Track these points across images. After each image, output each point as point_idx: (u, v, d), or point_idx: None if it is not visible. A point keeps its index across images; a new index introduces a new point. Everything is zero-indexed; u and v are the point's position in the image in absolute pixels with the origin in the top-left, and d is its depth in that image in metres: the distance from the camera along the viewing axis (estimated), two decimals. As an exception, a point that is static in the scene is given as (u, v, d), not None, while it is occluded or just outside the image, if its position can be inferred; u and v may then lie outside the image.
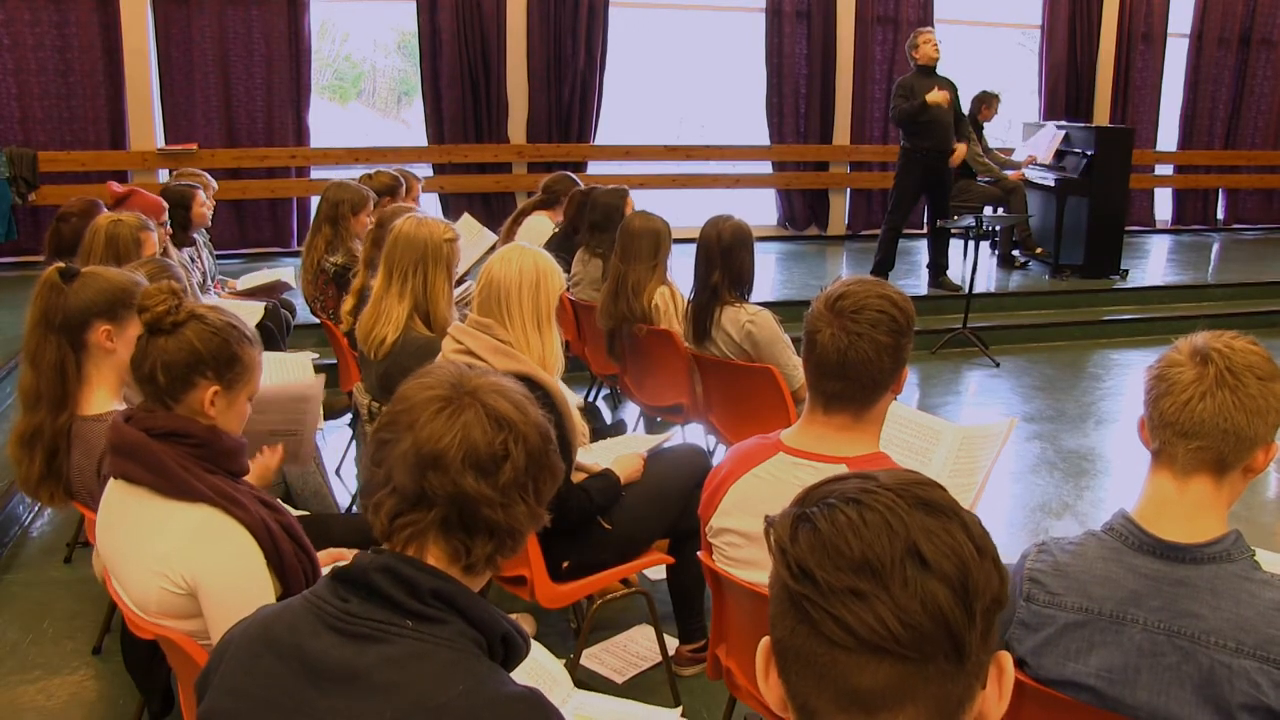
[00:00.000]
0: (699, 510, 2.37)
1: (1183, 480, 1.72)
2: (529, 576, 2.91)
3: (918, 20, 10.01)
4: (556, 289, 2.96)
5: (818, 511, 0.94)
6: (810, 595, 0.90)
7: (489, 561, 1.45)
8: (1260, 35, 11.61)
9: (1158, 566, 1.69)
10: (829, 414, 2.13)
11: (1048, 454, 5.60)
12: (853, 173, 10.52)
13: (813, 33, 10.03)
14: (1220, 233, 11.98)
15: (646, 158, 9.96)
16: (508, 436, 1.42)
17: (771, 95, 10.10)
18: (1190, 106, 11.63)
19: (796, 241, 10.36)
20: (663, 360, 4.39)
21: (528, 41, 9.22)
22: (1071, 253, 9.04)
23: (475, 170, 9.35)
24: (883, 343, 2.06)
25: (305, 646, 1.34)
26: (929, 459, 2.72)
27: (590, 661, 3.43)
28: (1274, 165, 12.12)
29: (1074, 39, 10.98)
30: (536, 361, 2.89)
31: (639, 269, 4.34)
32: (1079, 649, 1.73)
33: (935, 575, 0.89)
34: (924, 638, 0.88)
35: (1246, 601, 1.63)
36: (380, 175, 5.71)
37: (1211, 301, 8.75)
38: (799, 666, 0.92)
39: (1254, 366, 1.69)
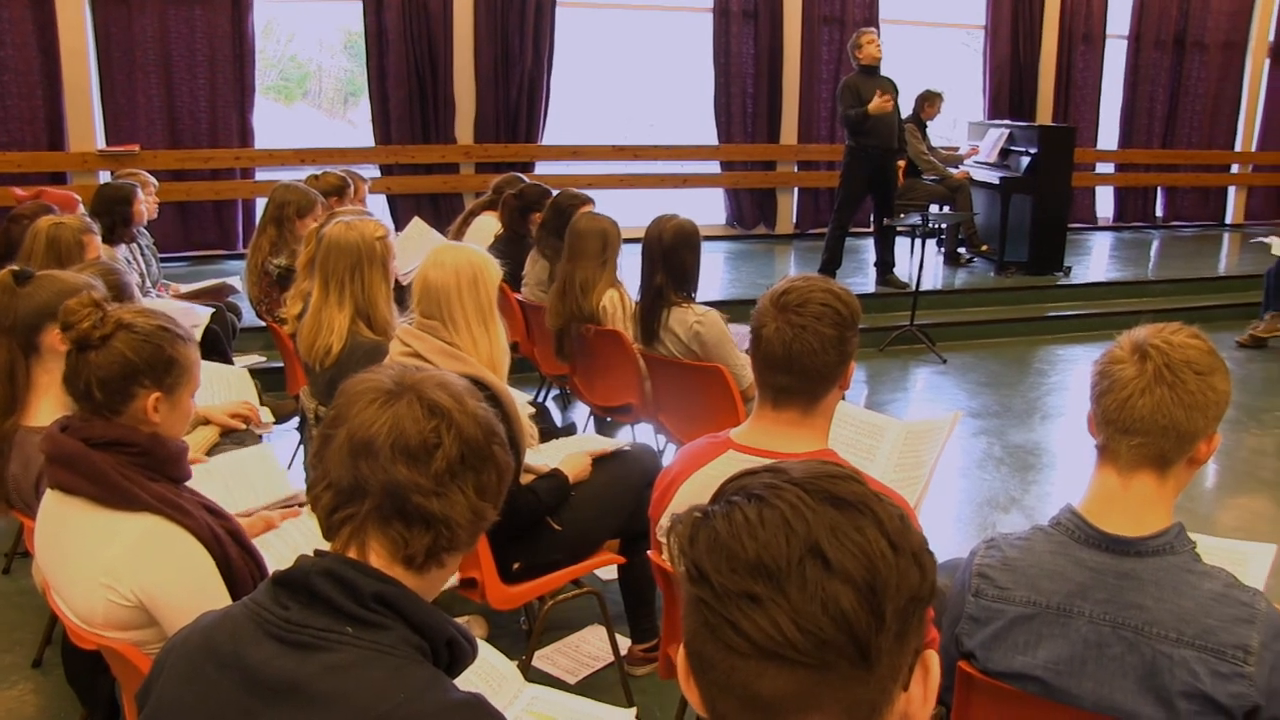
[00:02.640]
0: (649, 510, 2.37)
1: (1126, 476, 1.75)
2: (479, 578, 2.90)
3: (863, 20, 10.09)
4: (494, 282, 2.95)
5: (718, 510, 0.89)
6: (707, 599, 0.86)
7: (430, 556, 1.40)
8: (1194, 38, 11.88)
9: (1103, 560, 1.72)
10: (778, 409, 2.15)
11: (994, 449, 5.67)
12: (800, 172, 10.58)
13: (760, 33, 10.07)
14: (1160, 230, 12.22)
15: (594, 158, 9.96)
16: (440, 424, 1.39)
17: (719, 95, 10.13)
18: (1129, 106, 11.87)
19: (745, 241, 10.40)
20: (612, 360, 4.39)
21: (475, 41, 9.18)
22: (1016, 250, 9.16)
23: (422, 171, 9.29)
24: (827, 335, 2.08)
25: (246, 656, 1.32)
26: (874, 456, 2.74)
27: (542, 663, 3.42)
28: (1209, 164, 12.42)
29: (1017, 39, 11.13)
30: (485, 361, 2.87)
31: (586, 268, 4.34)
32: (1028, 641, 1.75)
33: (838, 576, 0.83)
34: (825, 644, 0.83)
35: (1187, 593, 1.67)
36: (327, 176, 5.66)
37: (1152, 297, 8.90)
38: (704, 671, 0.88)
39: (1192, 362, 1.71)
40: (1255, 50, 12.23)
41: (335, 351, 3.36)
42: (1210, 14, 11.86)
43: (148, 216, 5.55)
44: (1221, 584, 1.68)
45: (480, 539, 2.78)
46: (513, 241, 5.50)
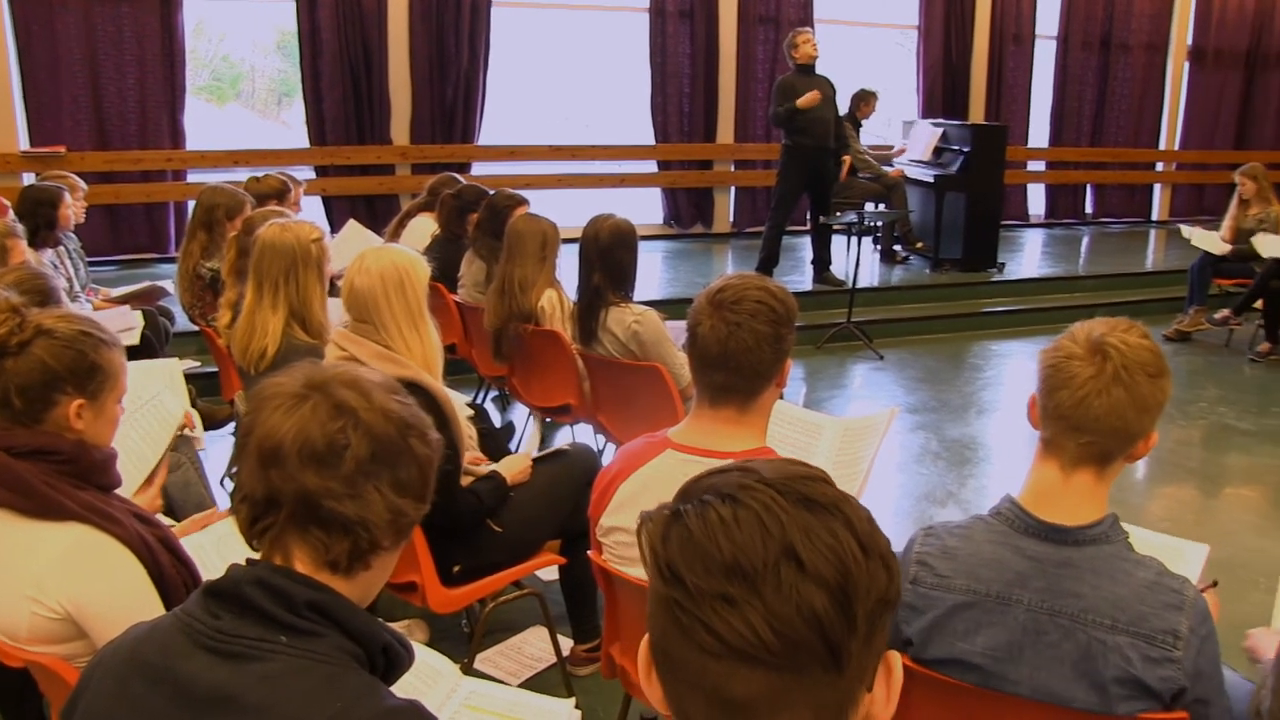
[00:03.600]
0: (589, 510, 2.37)
1: (1069, 471, 1.77)
2: (419, 581, 2.88)
3: (798, 20, 10.15)
4: (422, 282, 2.93)
5: (691, 509, 0.88)
6: (680, 599, 0.85)
7: (354, 559, 1.37)
8: (1119, 40, 12.14)
9: (1042, 549, 1.75)
10: (715, 408, 2.16)
11: (931, 444, 5.74)
12: (737, 171, 10.62)
13: (695, 32, 10.10)
14: (1089, 226, 12.46)
15: (532, 158, 9.93)
16: (346, 424, 1.35)
17: (656, 94, 10.14)
18: (1059, 105, 12.09)
19: (682, 240, 10.42)
20: (550, 361, 4.38)
21: (410, 41, 9.10)
22: (951, 247, 9.27)
23: (358, 172, 9.19)
24: (762, 332, 2.09)
25: (177, 669, 1.29)
26: (812, 454, 2.76)
27: (485, 665, 3.41)
28: (1135, 162, 12.70)
29: (949, 40, 11.27)
30: (420, 362, 2.86)
31: (525, 268, 4.33)
32: (967, 629, 1.77)
33: (812, 579, 0.83)
34: (799, 647, 0.83)
35: (1122, 581, 1.70)
36: (268, 179, 5.57)
37: (1083, 292, 9.06)
38: (673, 670, 0.88)
39: (1146, 364, 1.74)
40: (1175, 52, 12.55)
41: (270, 354, 3.32)
42: (1133, 17, 12.14)
43: (75, 221, 5.44)
44: (1154, 572, 1.72)
45: (419, 541, 2.80)
46: (450, 242, 5.46)
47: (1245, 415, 6.47)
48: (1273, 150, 12.78)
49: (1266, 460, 5.80)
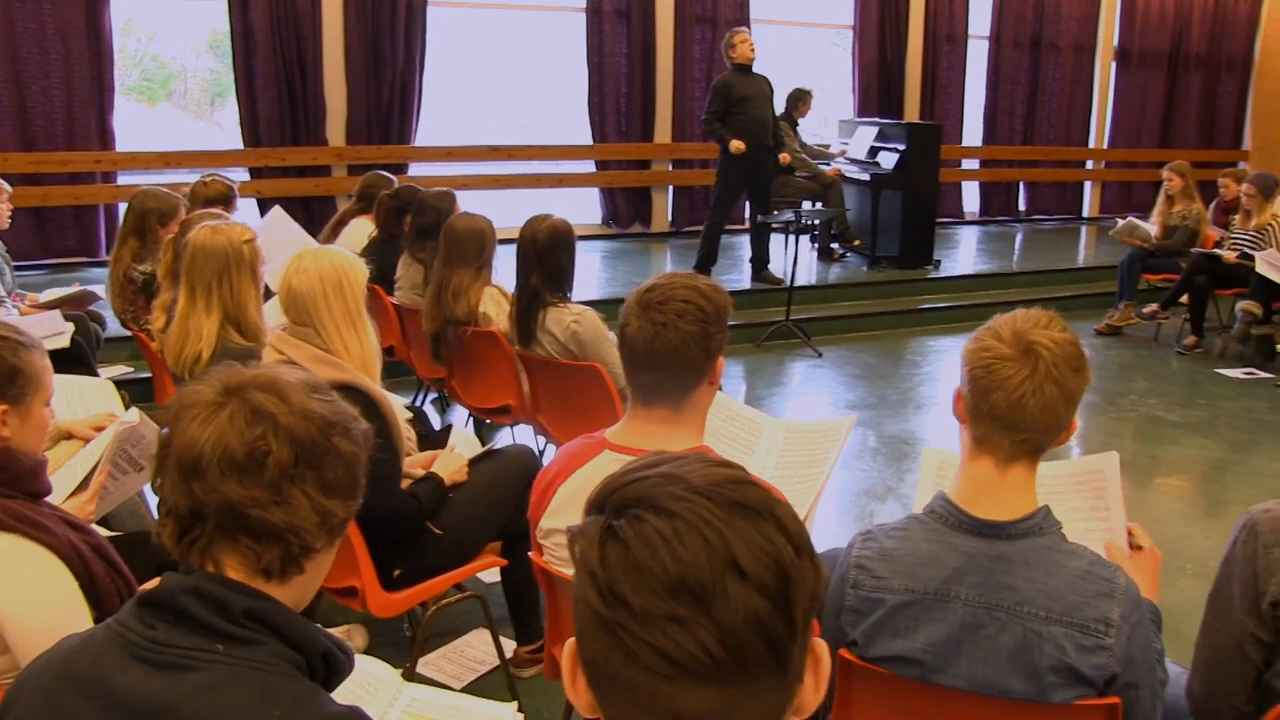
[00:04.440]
0: (528, 512, 2.37)
1: (1004, 467, 1.79)
2: (360, 586, 2.85)
3: (735, 20, 10.21)
4: (361, 283, 2.91)
5: (625, 525, 0.85)
6: (625, 623, 0.82)
7: (287, 564, 1.35)
8: (1048, 40, 12.40)
9: (977, 545, 1.77)
10: (649, 408, 2.15)
11: (870, 440, 5.80)
12: (675, 170, 10.65)
13: (632, 32, 10.11)
14: (1022, 223, 12.67)
15: (469, 159, 9.87)
16: (265, 430, 1.32)
17: (593, 94, 10.14)
18: (992, 105, 12.30)
19: (620, 240, 10.43)
20: (489, 362, 4.36)
21: (345, 41, 9.02)
22: (887, 244, 9.38)
23: (294, 174, 9.09)
24: (688, 331, 2.08)
25: (111, 681, 1.26)
26: (752, 452, 2.77)
27: (427, 669, 3.39)
28: (1066, 160, 12.98)
29: (884, 40, 11.40)
30: (358, 364, 2.83)
31: (463, 271, 4.31)
32: (907, 627, 1.79)
33: (755, 588, 0.82)
34: (748, 657, 0.82)
35: (1055, 572, 1.73)
36: (215, 183, 5.44)
37: (1016, 288, 9.20)
38: (614, 690, 0.86)
39: (1071, 359, 1.77)
40: (1103, 53, 12.87)
41: (205, 358, 3.27)
42: (1062, 18, 12.41)
43: (-1, 225, 5.33)
44: (1086, 562, 1.75)
45: (359, 545, 2.77)
46: (387, 244, 5.42)
47: (1173, 407, 6.61)
48: (1195, 149, 13.15)
49: (1193, 451, 5.93)
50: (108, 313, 5.54)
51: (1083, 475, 2.29)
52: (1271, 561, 1.86)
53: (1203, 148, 13.50)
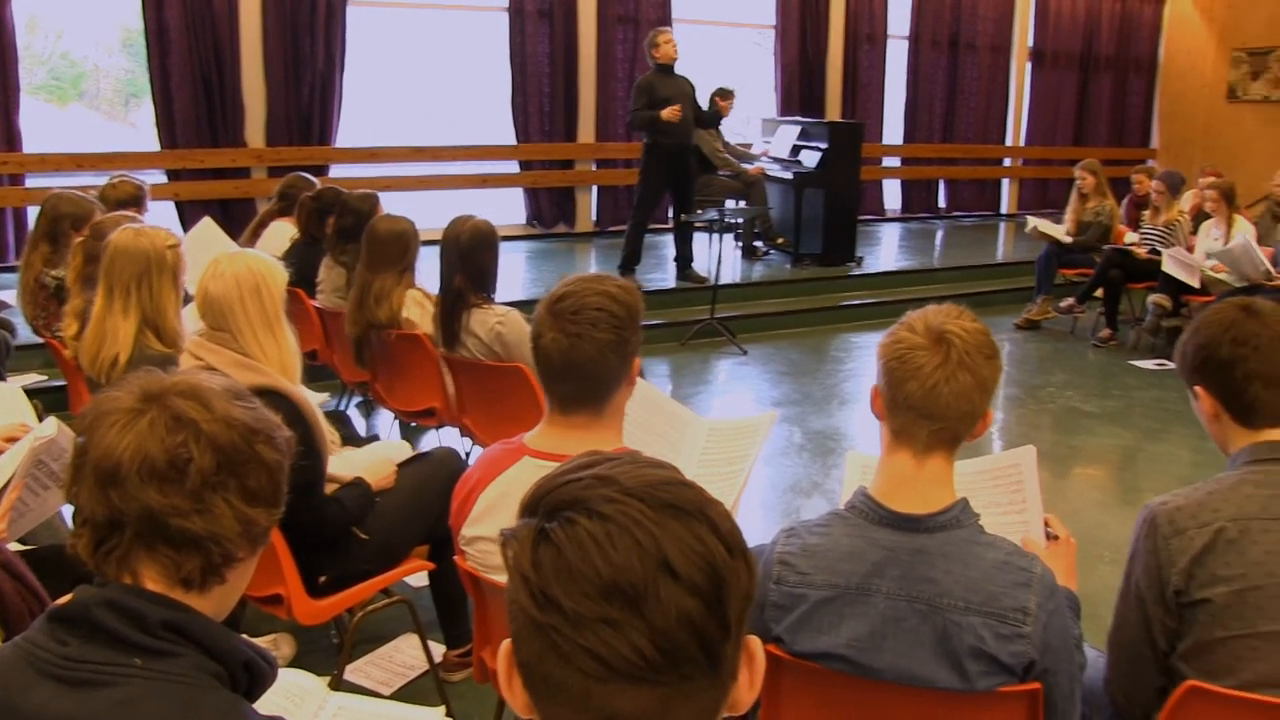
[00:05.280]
0: (450, 520, 2.35)
1: (922, 458, 1.82)
2: (285, 594, 2.82)
3: (657, 20, 10.23)
4: (279, 287, 2.86)
5: (558, 528, 0.85)
6: (558, 626, 0.83)
7: (208, 574, 1.32)
8: (966, 40, 12.63)
9: (897, 538, 1.79)
10: (567, 415, 2.14)
11: (795, 436, 5.85)
12: (599, 170, 10.65)
13: (555, 32, 10.09)
14: (943, 220, 12.87)
15: (391, 160, 9.78)
16: (187, 437, 1.30)
17: (516, 94, 10.10)
18: (912, 103, 12.48)
19: (545, 240, 10.40)
20: (413, 364, 4.33)
21: (263, 40, 8.87)
22: (810, 242, 9.46)
23: (212, 176, 8.92)
24: (604, 340, 2.07)
25: (20, 702, 1.22)
26: (678, 448, 2.77)
27: (356, 676, 3.35)
28: (984, 158, 13.22)
29: (805, 39, 11.50)
30: (278, 368, 2.79)
31: (385, 274, 4.27)
32: (830, 622, 1.81)
33: (688, 589, 0.83)
34: (681, 658, 0.83)
35: (973, 563, 1.75)
36: (123, 185, 5.32)
37: (938, 284, 9.34)
38: (549, 692, 0.86)
39: (983, 346, 1.80)
40: (1018, 54, 13.14)
41: (122, 362, 3.20)
42: (978, 19, 12.65)
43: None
44: (1003, 553, 1.78)
45: (283, 552, 2.74)
46: (309, 246, 5.35)
47: (1090, 398, 6.77)
48: (1107, 147, 13.51)
49: (1109, 440, 6.08)
50: (18, 319, 5.40)
51: (1000, 470, 2.34)
52: (1172, 552, 1.92)
53: (1114, 146, 13.88)
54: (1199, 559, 1.90)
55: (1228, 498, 1.93)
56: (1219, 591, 1.89)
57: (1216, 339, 1.99)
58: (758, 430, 2.81)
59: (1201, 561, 1.90)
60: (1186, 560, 1.91)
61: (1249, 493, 1.93)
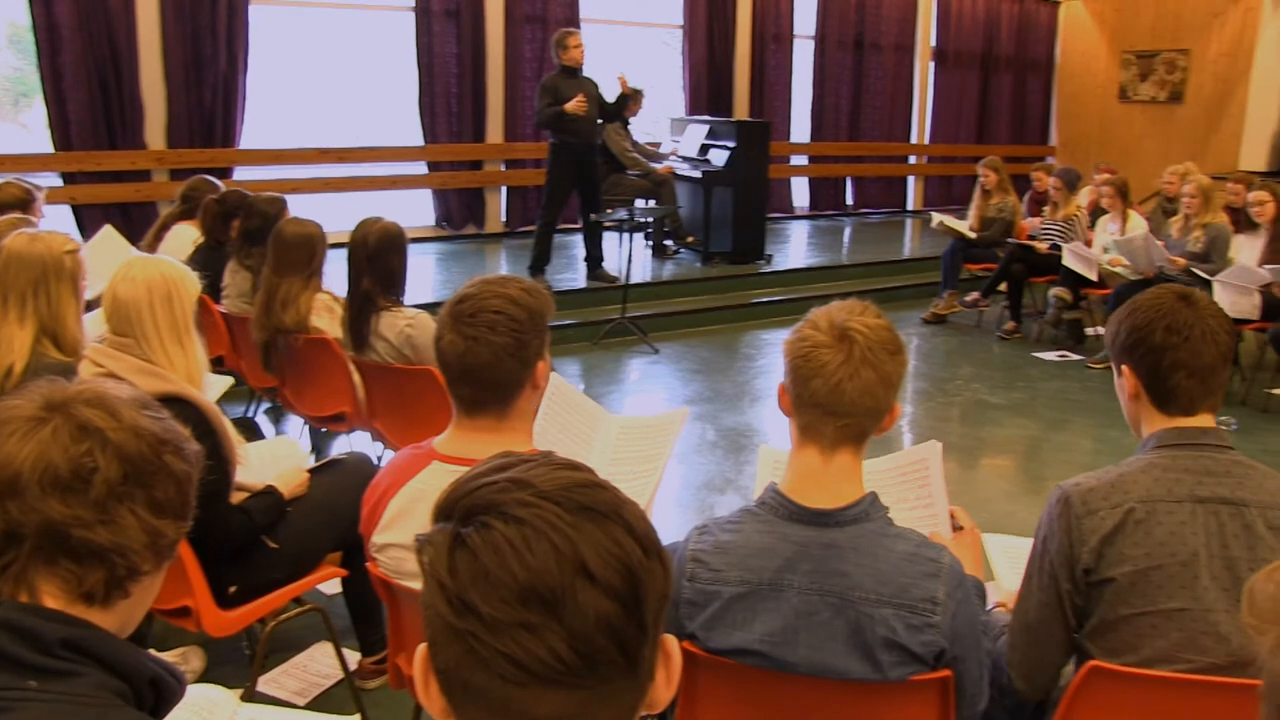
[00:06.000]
0: (360, 527, 2.32)
1: (829, 454, 1.84)
2: (193, 606, 2.76)
3: (564, 20, 10.22)
4: (191, 297, 2.81)
5: (473, 533, 0.85)
6: (476, 631, 0.82)
7: (111, 588, 1.28)
8: (870, 40, 12.86)
9: (807, 533, 1.81)
10: (472, 418, 2.13)
11: (708, 434, 5.89)
12: (508, 170, 10.60)
13: (462, 31, 10.02)
14: (850, 217, 13.06)
15: (298, 161, 9.61)
16: (93, 445, 1.26)
17: (423, 95, 10.00)
18: (818, 102, 12.65)
19: (454, 241, 10.32)
20: (322, 369, 4.27)
21: (162, 39, 8.64)
22: (720, 240, 9.53)
23: (111, 179, 8.67)
24: (501, 344, 2.05)
25: None
26: (590, 446, 2.77)
27: (269, 687, 3.30)
28: (890, 155, 13.45)
29: (712, 39, 11.58)
30: (184, 376, 2.73)
31: (292, 278, 4.21)
32: (744, 618, 1.82)
33: (605, 592, 0.83)
34: (599, 661, 0.83)
35: (883, 556, 1.78)
36: (8, 187, 5.14)
37: (846, 281, 9.49)
38: (468, 697, 0.85)
39: (886, 342, 1.82)
40: (921, 53, 13.42)
41: (18, 371, 3.10)
42: (883, 19, 12.89)
43: None
44: (913, 544, 1.81)
45: (190, 563, 2.68)
46: (213, 250, 5.24)
47: (996, 390, 6.93)
48: (1008, 144, 13.86)
49: (1014, 431, 6.23)
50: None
51: (907, 467, 2.38)
52: (1084, 531, 1.97)
53: (1015, 143, 14.24)
54: (1109, 539, 1.96)
55: (1137, 480, 1.99)
56: (1125, 571, 1.95)
57: (1152, 323, 2.03)
58: (670, 428, 2.82)
59: (1111, 541, 1.96)
60: (1097, 540, 1.96)
61: (1157, 476, 1.98)
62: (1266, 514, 1.94)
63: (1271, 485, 1.98)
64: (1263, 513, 1.94)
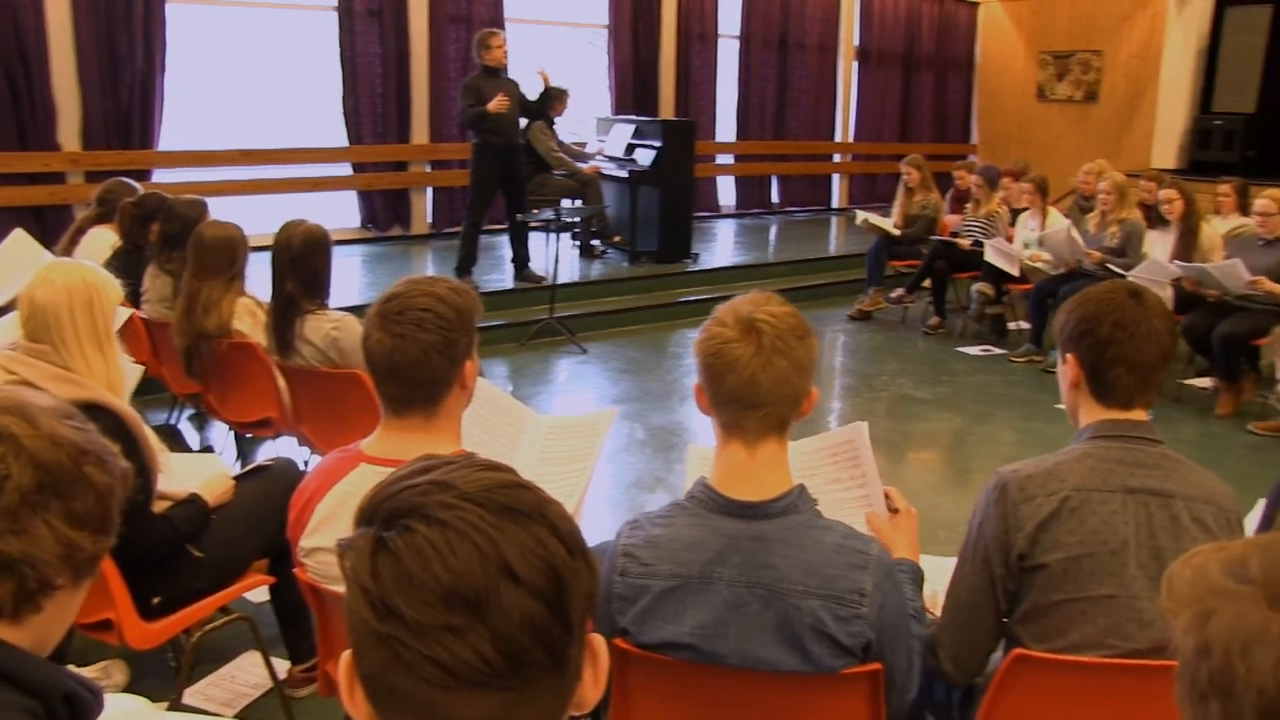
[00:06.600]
0: (288, 531, 2.30)
1: (753, 446, 1.85)
2: (115, 618, 2.70)
3: (489, 20, 10.17)
4: (113, 303, 2.76)
5: (396, 536, 0.84)
6: (400, 636, 0.82)
7: (21, 602, 1.25)
8: (794, 40, 12.98)
9: (736, 526, 1.83)
10: (400, 418, 2.12)
11: (637, 433, 5.91)
12: (433, 171, 10.52)
13: (385, 31, 9.92)
14: (776, 215, 13.17)
15: (218, 163, 9.44)
16: (6, 451, 1.24)
17: (347, 96, 9.89)
18: (744, 101, 12.74)
19: (380, 243, 10.21)
20: (246, 374, 4.21)
21: (75, 36, 8.41)
22: (647, 240, 9.56)
23: (23, 181, 8.43)
24: (428, 341, 2.04)
25: None
26: (518, 447, 2.77)
27: (196, 699, 3.25)
28: (815, 154, 13.60)
29: (638, 38, 11.60)
30: (103, 384, 2.68)
31: (213, 282, 4.14)
32: (675, 612, 1.83)
33: (530, 592, 0.83)
34: (525, 662, 0.83)
35: (811, 548, 1.80)
36: None
37: (772, 278, 9.51)
38: (393, 702, 0.85)
39: (794, 329, 1.84)
40: (845, 53, 13.58)
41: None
42: (806, 19, 13.02)
43: None
44: (840, 536, 1.83)
45: (112, 574, 2.62)
46: (133, 254, 5.13)
47: (921, 385, 7.03)
48: (931, 143, 14.07)
49: (940, 425, 6.33)
50: None
51: (836, 447, 2.42)
52: (1020, 518, 2.03)
53: (937, 141, 14.46)
54: (1044, 525, 2.01)
55: (1073, 468, 2.04)
56: (1058, 557, 2.00)
57: (1101, 316, 2.08)
58: (598, 427, 2.82)
59: (1046, 528, 2.01)
60: (1032, 526, 2.01)
61: (1091, 466, 2.04)
62: (1191, 506, 2.02)
63: (1196, 479, 2.05)
64: (1188, 505, 2.01)
